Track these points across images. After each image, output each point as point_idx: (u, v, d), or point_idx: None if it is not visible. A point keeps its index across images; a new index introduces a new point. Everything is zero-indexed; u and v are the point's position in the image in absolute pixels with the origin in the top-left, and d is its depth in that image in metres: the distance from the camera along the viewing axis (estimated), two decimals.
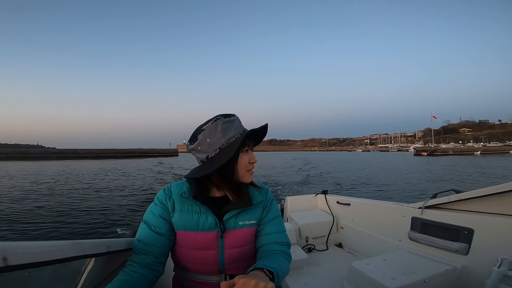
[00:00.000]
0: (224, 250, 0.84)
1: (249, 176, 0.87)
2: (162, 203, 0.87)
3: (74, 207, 7.55)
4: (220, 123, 0.81)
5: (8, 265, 0.41)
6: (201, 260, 0.84)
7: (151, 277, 0.82)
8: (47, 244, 0.54)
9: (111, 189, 11.21)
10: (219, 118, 0.82)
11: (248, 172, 0.86)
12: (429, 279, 1.37)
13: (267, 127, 0.85)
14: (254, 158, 0.86)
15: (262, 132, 0.87)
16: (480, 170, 20.31)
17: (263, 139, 0.93)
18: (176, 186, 0.90)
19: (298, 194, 3.19)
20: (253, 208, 0.89)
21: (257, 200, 0.90)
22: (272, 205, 0.96)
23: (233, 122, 0.83)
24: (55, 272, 0.68)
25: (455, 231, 1.53)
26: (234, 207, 0.85)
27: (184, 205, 0.85)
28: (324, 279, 1.94)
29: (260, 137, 0.91)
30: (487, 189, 1.39)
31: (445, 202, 1.64)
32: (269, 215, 0.93)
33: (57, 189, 11.23)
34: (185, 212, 0.85)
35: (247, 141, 0.84)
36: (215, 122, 0.82)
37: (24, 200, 8.80)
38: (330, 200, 2.76)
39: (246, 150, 0.85)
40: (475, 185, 12.28)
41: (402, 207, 1.95)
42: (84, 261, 0.79)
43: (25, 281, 0.58)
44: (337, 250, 2.46)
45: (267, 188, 0.98)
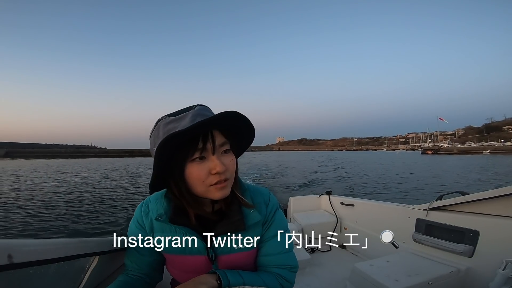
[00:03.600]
0: None
1: (216, 191, 0.61)
2: (139, 223, 0.74)
3: (91, 204, 7.76)
4: (161, 126, 0.62)
5: (13, 262, 0.42)
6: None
7: (151, 281, 0.81)
8: (52, 242, 0.54)
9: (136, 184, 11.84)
10: (161, 119, 0.63)
11: (213, 188, 0.61)
12: (433, 281, 1.36)
13: (205, 123, 0.57)
14: (218, 167, 0.59)
15: (245, 131, 0.67)
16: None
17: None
18: (154, 202, 0.73)
19: (302, 195, 3.18)
20: (253, 228, 0.71)
21: (254, 221, 0.70)
22: (275, 218, 0.76)
23: (179, 121, 0.60)
24: (59, 269, 0.69)
25: (460, 233, 1.51)
26: (223, 231, 0.67)
27: (165, 226, 0.70)
28: (327, 280, 1.93)
29: (242, 135, 0.68)
30: (493, 191, 1.37)
31: (451, 204, 1.62)
32: (270, 231, 0.74)
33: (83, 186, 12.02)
34: (167, 233, 0.69)
35: (202, 145, 0.59)
36: (157, 125, 0.63)
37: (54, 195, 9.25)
38: (334, 200, 2.75)
39: (199, 157, 0.60)
40: (476, 185, 12.38)
41: (407, 209, 1.93)
42: (88, 259, 0.80)
43: (29, 278, 0.59)
44: (340, 251, 2.44)
45: (268, 197, 0.77)
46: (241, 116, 0.60)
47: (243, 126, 0.65)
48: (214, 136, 0.61)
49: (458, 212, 1.60)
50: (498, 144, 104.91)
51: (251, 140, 0.71)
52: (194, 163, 0.60)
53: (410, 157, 49.34)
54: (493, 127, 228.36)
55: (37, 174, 19.33)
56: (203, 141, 0.59)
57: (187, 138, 0.58)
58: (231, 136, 0.66)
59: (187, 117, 0.59)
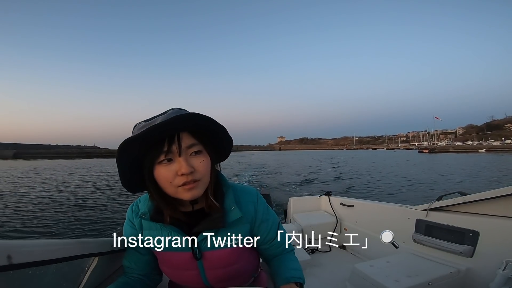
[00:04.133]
0: (205, 270, 0.74)
1: (184, 192, 0.63)
2: (131, 221, 0.79)
3: (85, 204, 7.74)
4: (135, 130, 0.65)
5: (13, 263, 0.42)
6: (184, 279, 0.78)
7: (150, 283, 0.82)
8: (52, 243, 0.54)
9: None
10: (136, 125, 0.66)
11: (181, 189, 0.62)
12: (433, 282, 1.36)
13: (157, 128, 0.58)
14: (183, 168, 0.60)
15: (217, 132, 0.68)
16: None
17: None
18: (143, 202, 0.77)
19: (300, 195, 3.19)
20: (234, 225, 0.73)
21: (233, 218, 0.72)
22: (269, 215, 0.82)
23: (151, 125, 0.61)
24: (59, 270, 0.69)
25: (460, 234, 1.51)
26: (203, 228, 0.70)
27: (151, 224, 0.74)
28: (327, 280, 1.93)
29: (217, 134, 0.70)
30: (493, 191, 1.37)
31: (451, 205, 1.62)
32: (267, 226, 0.81)
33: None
34: (153, 230, 0.74)
35: (167, 147, 0.61)
36: (133, 129, 0.66)
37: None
38: (334, 201, 2.75)
39: (166, 159, 0.62)
40: (478, 185, 12.51)
41: (407, 209, 1.93)
42: (88, 260, 0.80)
43: (29, 279, 0.59)
44: (340, 252, 2.44)
45: (256, 197, 0.80)
46: (202, 117, 0.62)
47: (216, 127, 0.67)
48: (180, 138, 0.62)
49: (458, 212, 1.60)
50: (496, 142, 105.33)
51: (230, 139, 0.73)
52: (162, 165, 0.62)
53: (406, 156, 50.52)
54: (494, 125, 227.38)
55: (57, 172, 20.53)
56: (168, 143, 0.61)
57: (155, 142, 0.61)
58: (206, 137, 0.68)
59: (157, 121, 0.61)
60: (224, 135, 0.71)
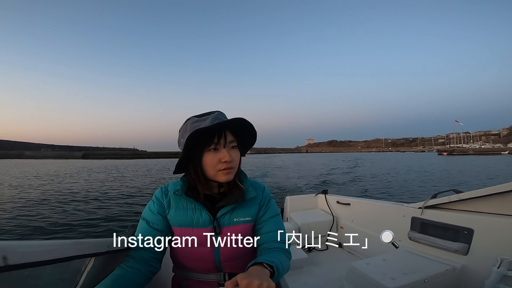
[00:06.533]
0: (219, 247, 0.85)
1: (222, 175, 0.82)
2: (159, 200, 0.90)
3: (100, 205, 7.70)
4: (189, 123, 0.83)
5: (8, 264, 0.41)
6: (198, 257, 0.86)
7: (147, 273, 0.83)
8: (47, 244, 0.54)
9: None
10: (190, 118, 0.85)
11: (220, 172, 0.82)
12: (429, 279, 1.37)
13: (221, 125, 0.79)
14: (226, 157, 0.80)
15: (245, 128, 0.84)
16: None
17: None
18: (172, 185, 0.92)
19: (300, 194, 3.20)
20: (248, 205, 0.89)
21: (250, 196, 0.89)
22: (270, 204, 0.96)
23: (203, 121, 0.81)
24: (55, 271, 0.68)
25: (455, 231, 1.53)
26: (226, 203, 0.85)
27: (179, 202, 0.88)
28: (324, 278, 1.94)
29: (245, 133, 0.87)
30: (487, 189, 1.39)
31: (445, 202, 1.64)
32: (267, 213, 0.93)
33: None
34: (180, 209, 0.87)
35: (217, 140, 0.80)
36: (186, 123, 0.85)
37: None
38: (330, 200, 2.76)
39: (213, 148, 0.81)
40: (474, 183, 12.70)
41: (402, 207, 1.95)
42: (84, 260, 0.78)
43: (25, 280, 0.58)
44: (337, 250, 2.46)
45: (263, 186, 0.98)
46: (246, 122, 0.82)
47: (251, 132, 0.87)
48: (226, 134, 0.82)
49: (452, 210, 1.62)
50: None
51: (253, 141, 0.92)
52: (210, 153, 0.81)
53: (425, 158, 51.30)
54: None
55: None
56: (217, 137, 0.80)
57: (207, 134, 0.80)
58: (239, 136, 0.87)
59: (208, 119, 0.80)
60: (253, 138, 0.90)
